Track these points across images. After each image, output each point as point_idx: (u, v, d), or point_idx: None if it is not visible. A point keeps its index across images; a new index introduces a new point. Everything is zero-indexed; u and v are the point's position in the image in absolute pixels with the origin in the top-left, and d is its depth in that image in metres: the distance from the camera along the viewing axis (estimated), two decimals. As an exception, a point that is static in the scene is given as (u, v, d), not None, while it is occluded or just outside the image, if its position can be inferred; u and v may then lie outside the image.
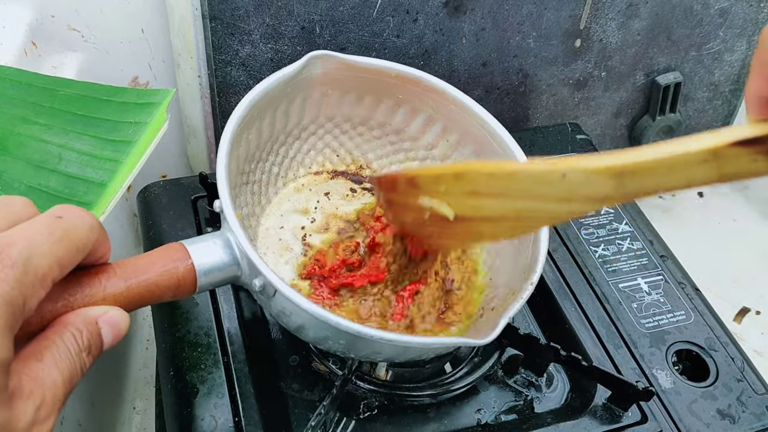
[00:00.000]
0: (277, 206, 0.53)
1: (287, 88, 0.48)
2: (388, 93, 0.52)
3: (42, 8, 0.61)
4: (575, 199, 0.35)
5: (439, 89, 0.51)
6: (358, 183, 0.56)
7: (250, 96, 0.45)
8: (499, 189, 0.38)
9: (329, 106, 0.53)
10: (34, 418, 0.25)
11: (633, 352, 0.52)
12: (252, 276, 0.39)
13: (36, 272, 0.26)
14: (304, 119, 0.53)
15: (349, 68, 0.50)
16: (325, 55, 0.48)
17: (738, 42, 0.81)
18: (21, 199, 0.30)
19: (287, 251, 0.50)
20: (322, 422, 0.45)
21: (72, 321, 0.29)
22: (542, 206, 0.37)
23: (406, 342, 0.39)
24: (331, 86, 0.51)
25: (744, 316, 0.77)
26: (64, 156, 0.49)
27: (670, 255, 0.60)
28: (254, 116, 0.47)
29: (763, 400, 0.50)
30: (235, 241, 0.38)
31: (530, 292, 0.42)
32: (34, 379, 0.26)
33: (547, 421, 0.48)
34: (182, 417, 0.45)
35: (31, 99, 0.53)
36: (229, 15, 0.59)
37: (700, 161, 0.30)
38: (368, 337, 0.37)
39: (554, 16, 0.69)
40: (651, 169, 0.32)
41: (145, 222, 0.57)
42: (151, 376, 0.70)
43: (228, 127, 0.43)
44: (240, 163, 0.48)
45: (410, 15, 0.64)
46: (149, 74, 0.68)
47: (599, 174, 0.34)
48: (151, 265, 0.34)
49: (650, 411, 0.48)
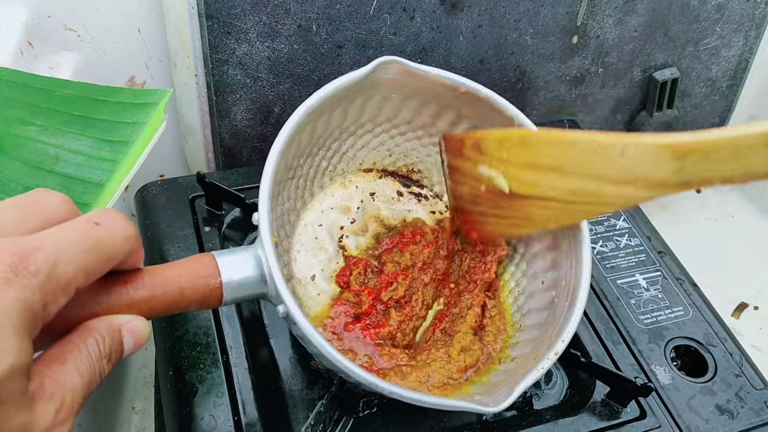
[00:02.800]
0: (320, 201, 0.52)
1: (348, 92, 0.46)
2: (451, 105, 0.50)
3: (38, 8, 0.60)
4: (631, 181, 0.34)
5: (507, 112, 0.48)
6: (406, 186, 0.55)
7: (309, 103, 0.43)
8: (559, 160, 0.37)
9: (390, 108, 0.51)
10: (53, 421, 0.26)
11: (631, 348, 0.52)
12: (277, 301, 0.38)
13: (60, 279, 0.26)
14: (362, 118, 0.51)
15: (411, 75, 0.47)
16: (394, 61, 0.46)
17: (735, 37, 0.81)
18: (58, 195, 0.29)
19: (321, 251, 0.50)
20: (321, 421, 0.45)
21: (96, 327, 0.29)
22: (596, 187, 0.36)
23: (416, 400, 0.38)
24: (395, 90, 0.49)
25: (742, 311, 0.77)
26: (61, 157, 0.49)
27: (668, 251, 0.60)
28: (308, 120, 0.45)
29: (761, 395, 0.50)
30: (265, 260, 0.38)
31: (552, 362, 0.40)
32: (56, 381, 0.26)
33: (546, 417, 0.48)
34: (181, 416, 0.45)
35: (28, 100, 0.52)
36: (225, 14, 0.59)
37: (763, 144, 0.29)
38: (380, 389, 0.37)
39: (551, 12, 0.69)
40: (713, 151, 0.30)
41: (143, 222, 0.56)
42: (150, 375, 0.70)
43: (277, 144, 0.41)
44: (289, 160, 0.46)
45: (407, 12, 0.64)
46: (146, 74, 0.68)
47: (660, 151, 0.32)
48: (179, 276, 0.34)
49: (649, 407, 0.48)
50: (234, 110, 0.66)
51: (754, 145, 0.29)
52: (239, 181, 0.59)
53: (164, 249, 0.54)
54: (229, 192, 0.55)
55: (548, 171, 0.38)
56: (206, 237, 0.55)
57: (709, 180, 0.31)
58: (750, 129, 0.29)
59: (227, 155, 0.69)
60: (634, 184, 0.34)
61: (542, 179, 0.38)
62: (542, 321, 0.46)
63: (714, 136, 0.30)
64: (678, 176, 0.32)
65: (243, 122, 0.67)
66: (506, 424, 0.47)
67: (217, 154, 0.69)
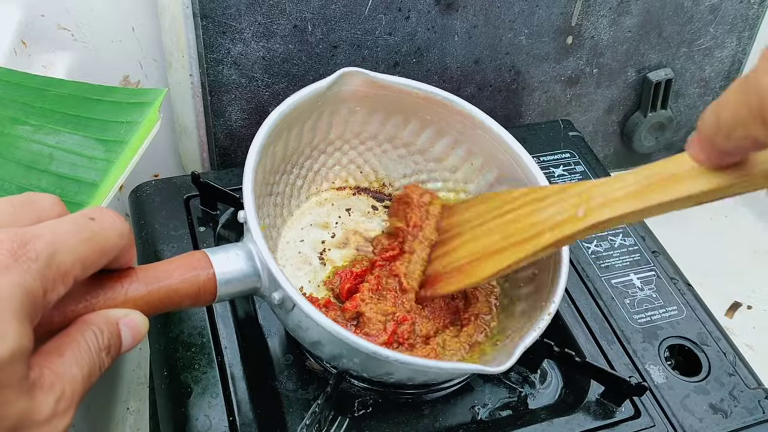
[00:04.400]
0: (299, 219, 0.53)
1: (317, 101, 0.48)
2: (415, 113, 0.52)
3: (32, 7, 0.60)
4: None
5: (466, 112, 0.51)
6: (380, 201, 0.56)
7: (281, 108, 0.45)
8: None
9: (356, 123, 0.53)
10: (54, 410, 0.26)
11: (626, 348, 0.52)
12: (271, 289, 0.39)
13: (59, 267, 0.26)
14: (331, 134, 0.53)
15: (378, 86, 0.50)
16: (357, 71, 0.48)
17: (728, 38, 0.82)
18: (49, 196, 0.30)
19: (306, 264, 0.51)
20: (316, 421, 0.45)
21: (94, 320, 0.30)
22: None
23: (422, 366, 0.38)
24: (359, 103, 0.51)
25: (735, 310, 0.77)
26: (55, 156, 0.49)
27: (662, 251, 0.60)
28: (282, 128, 0.47)
29: (755, 395, 0.51)
30: (257, 253, 0.38)
31: (547, 322, 0.42)
32: (55, 372, 0.26)
33: (541, 417, 0.48)
34: (176, 417, 0.45)
35: (22, 99, 0.52)
36: (220, 13, 0.59)
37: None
38: (383, 358, 0.37)
39: (546, 13, 0.69)
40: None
41: (138, 222, 0.56)
42: (144, 376, 0.70)
43: (256, 139, 0.43)
44: (266, 174, 0.48)
45: (402, 12, 0.64)
46: (140, 73, 0.68)
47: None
48: (173, 271, 0.34)
49: (643, 406, 0.49)
50: (229, 110, 0.66)
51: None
52: (234, 181, 0.59)
53: (159, 249, 0.54)
54: (224, 192, 0.55)
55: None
56: (201, 237, 0.55)
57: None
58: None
59: (222, 155, 0.69)
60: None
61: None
62: (530, 292, 0.48)
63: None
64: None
65: (238, 122, 0.67)
66: (501, 424, 0.48)
67: (211, 154, 0.69)
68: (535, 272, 0.48)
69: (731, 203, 0.91)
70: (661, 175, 0.33)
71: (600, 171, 0.67)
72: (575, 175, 0.67)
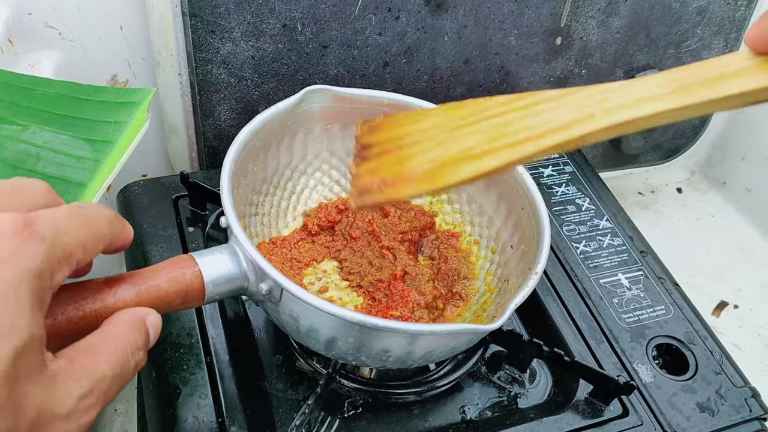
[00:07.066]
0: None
1: (287, 121, 0.49)
2: None
3: (18, 5, 0.60)
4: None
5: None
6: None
7: (251, 124, 0.47)
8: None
9: (331, 141, 0.54)
10: (76, 406, 0.25)
11: (614, 347, 0.53)
12: (258, 281, 0.39)
13: (64, 248, 0.26)
14: (308, 154, 0.54)
15: (347, 100, 0.50)
16: (321, 89, 0.49)
17: (715, 40, 0.82)
18: (40, 182, 0.30)
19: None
20: (306, 421, 0.45)
21: (128, 319, 0.30)
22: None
23: (415, 330, 0.38)
24: (331, 120, 0.52)
25: (722, 310, 0.78)
26: (42, 156, 0.49)
27: (649, 250, 0.61)
28: (258, 146, 0.48)
29: (741, 393, 0.51)
30: (241, 252, 0.39)
31: (535, 281, 0.42)
32: (85, 368, 0.26)
33: (530, 416, 0.48)
34: (164, 419, 0.44)
35: (9, 98, 0.52)
36: (209, 12, 0.59)
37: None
38: (375, 326, 0.37)
39: (535, 14, 0.70)
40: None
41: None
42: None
43: (232, 148, 0.45)
44: (247, 193, 0.49)
45: (392, 12, 0.64)
46: (128, 72, 0.67)
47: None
48: (159, 271, 0.35)
49: (631, 405, 0.49)
50: (218, 110, 0.65)
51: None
52: (223, 181, 0.58)
53: (147, 249, 0.54)
54: (213, 192, 0.55)
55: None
56: (190, 237, 0.55)
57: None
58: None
59: (211, 155, 0.69)
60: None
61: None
62: (522, 268, 0.48)
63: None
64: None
65: (227, 122, 0.67)
66: (491, 423, 0.48)
67: (200, 153, 0.69)
68: (524, 249, 0.49)
69: (717, 202, 0.92)
70: (703, 75, 0.30)
71: (589, 171, 0.67)
72: (564, 175, 0.67)
